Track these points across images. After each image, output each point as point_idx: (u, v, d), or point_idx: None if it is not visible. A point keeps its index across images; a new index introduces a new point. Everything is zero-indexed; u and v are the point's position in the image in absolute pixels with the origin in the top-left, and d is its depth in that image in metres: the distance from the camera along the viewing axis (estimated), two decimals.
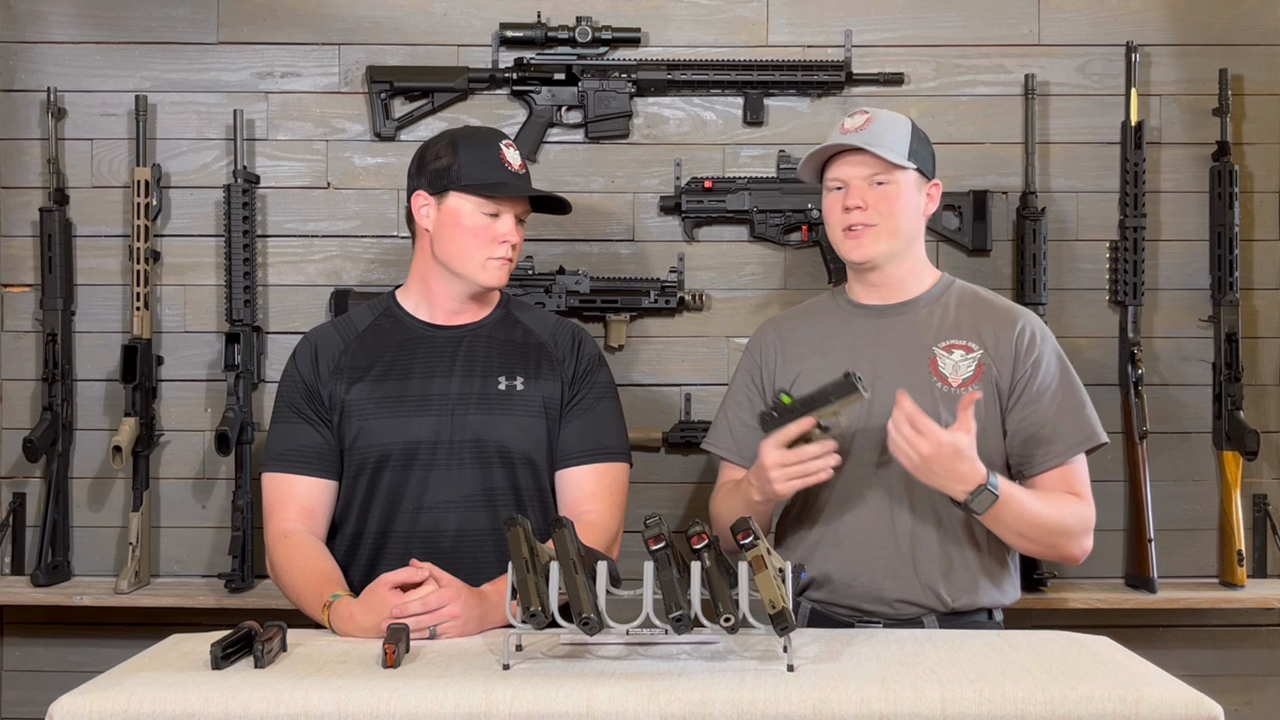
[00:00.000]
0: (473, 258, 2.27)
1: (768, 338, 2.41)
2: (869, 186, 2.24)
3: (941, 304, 2.31)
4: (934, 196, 2.32)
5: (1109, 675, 1.72)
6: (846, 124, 2.28)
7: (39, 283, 2.95)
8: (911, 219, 2.28)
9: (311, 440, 2.28)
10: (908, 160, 2.24)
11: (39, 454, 2.89)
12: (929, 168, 2.30)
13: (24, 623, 3.00)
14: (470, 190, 2.26)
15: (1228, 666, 2.99)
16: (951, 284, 2.35)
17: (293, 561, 2.20)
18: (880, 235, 2.25)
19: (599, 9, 2.96)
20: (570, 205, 2.40)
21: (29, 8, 2.99)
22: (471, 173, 2.27)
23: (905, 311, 2.30)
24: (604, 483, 2.31)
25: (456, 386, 2.28)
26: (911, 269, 2.32)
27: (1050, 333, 2.33)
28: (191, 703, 1.62)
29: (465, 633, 2.00)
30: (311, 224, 3.00)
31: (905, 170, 2.25)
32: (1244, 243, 2.95)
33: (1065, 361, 2.30)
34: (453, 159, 2.28)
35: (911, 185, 2.27)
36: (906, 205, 2.26)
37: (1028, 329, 2.27)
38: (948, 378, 2.23)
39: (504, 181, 2.28)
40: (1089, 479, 2.28)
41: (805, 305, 2.49)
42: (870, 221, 2.24)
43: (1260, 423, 2.93)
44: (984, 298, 2.35)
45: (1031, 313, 2.35)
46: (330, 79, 3.00)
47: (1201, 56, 2.97)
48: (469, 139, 2.33)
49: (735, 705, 1.62)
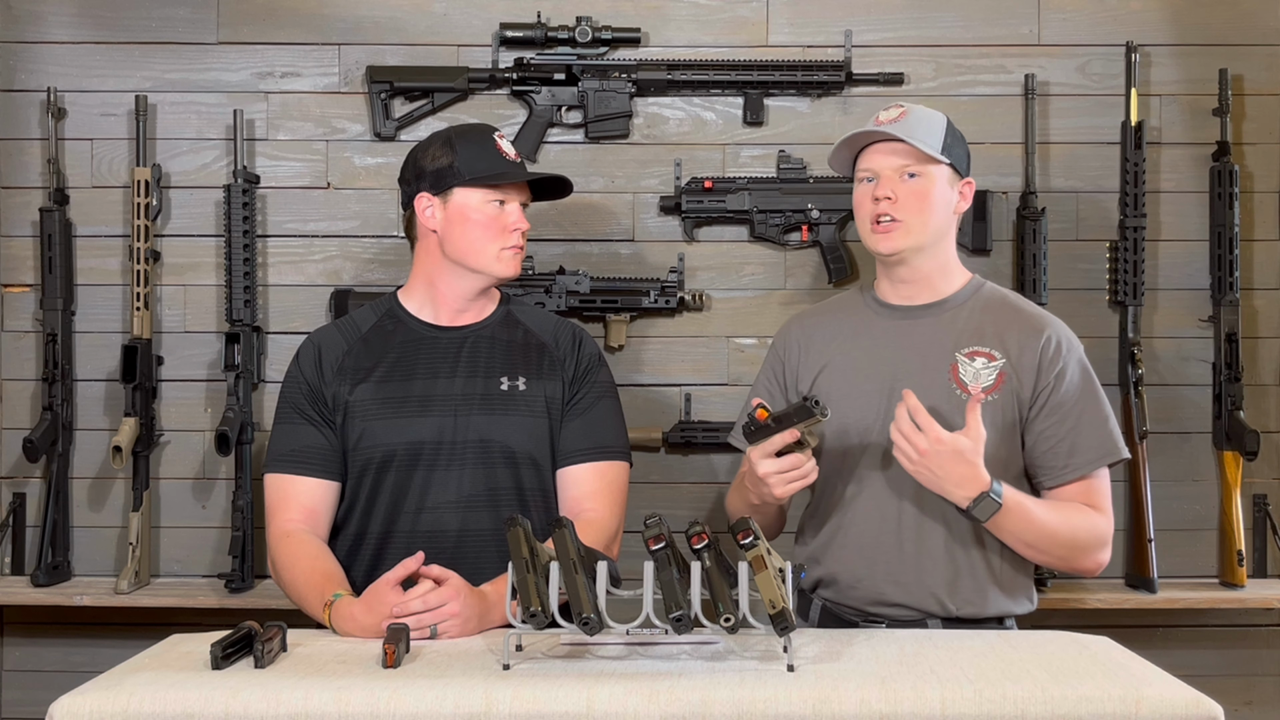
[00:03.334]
0: (487, 250, 2.28)
1: (792, 334, 2.39)
2: (900, 179, 2.21)
3: (968, 308, 2.26)
4: (966, 195, 2.27)
5: (1109, 675, 1.72)
6: (881, 116, 2.25)
7: (39, 283, 2.95)
8: (942, 215, 2.23)
9: (314, 441, 2.28)
10: (941, 154, 2.21)
11: (39, 454, 2.89)
12: (963, 165, 2.27)
13: (24, 623, 3.00)
14: (476, 182, 2.28)
15: (1228, 666, 2.99)
16: (981, 286, 2.31)
17: (294, 561, 2.20)
18: (910, 229, 2.21)
19: (599, 9, 2.96)
20: (571, 184, 2.42)
21: (29, 8, 2.99)
22: (473, 166, 2.28)
23: (931, 314, 2.26)
24: (603, 482, 2.31)
25: (460, 387, 2.29)
26: (941, 267, 2.27)
27: (1077, 343, 2.26)
28: (191, 703, 1.62)
29: (465, 632, 2.00)
30: (311, 224, 3.00)
31: (938, 164, 2.22)
32: (1244, 243, 2.95)
33: (1090, 374, 2.24)
34: (452, 157, 2.29)
35: (944, 180, 2.23)
36: (938, 200, 2.22)
37: (1053, 339, 2.22)
38: (968, 385, 2.19)
39: (506, 170, 2.30)
40: (1110, 493, 2.24)
41: (833, 301, 2.45)
42: (899, 215, 2.20)
43: (1260, 423, 2.93)
44: (1012, 304, 2.29)
45: (1060, 322, 2.27)
46: (330, 79, 3.00)
47: (1201, 56, 2.97)
48: (463, 135, 2.35)
49: (735, 705, 1.62)
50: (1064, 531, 2.16)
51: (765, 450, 2.09)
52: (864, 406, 2.23)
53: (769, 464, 2.09)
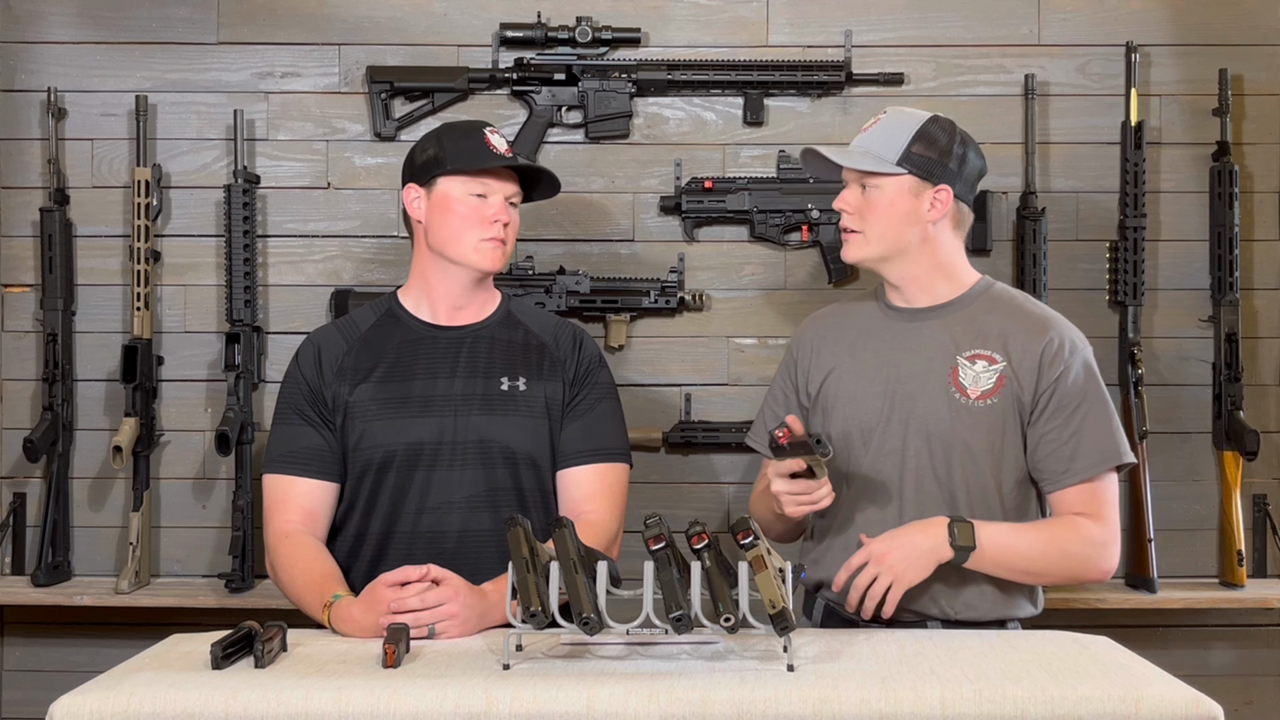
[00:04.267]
0: (465, 240, 2.28)
1: (806, 334, 2.39)
2: (859, 189, 2.23)
3: (973, 310, 2.25)
4: (941, 201, 2.21)
5: (1109, 675, 1.72)
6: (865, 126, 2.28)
7: (39, 283, 2.95)
8: (900, 225, 2.21)
9: (313, 442, 2.28)
10: (896, 165, 2.19)
11: (39, 454, 2.89)
12: (936, 171, 2.21)
13: (24, 623, 3.00)
14: (457, 171, 2.28)
15: (1228, 666, 2.99)
16: (989, 288, 2.29)
17: (293, 562, 2.20)
18: (868, 239, 2.22)
19: (599, 9, 2.96)
20: (560, 183, 2.40)
21: (29, 8, 2.99)
22: (457, 156, 2.29)
23: (935, 316, 2.25)
24: (604, 483, 2.31)
25: (459, 387, 2.28)
26: (932, 270, 2.25)
27: (1083, 345, 2.23)
28: (191, 703, 1.62)
29: (465, 632, 2.00)
30: (311, 224, 3.00)
31: (893, 176, 2.20)
32: (1244, 243, 2.95)
33: (1096, 377, 2.22)
34: (439, 149, 2.31)
35: (902, 190, 2.20)
36: (890, 211, 2.20)
37: (1055, 340, 2.19)
38: (967, 389, 2.19)
39: (488, 160, 2.29)
40: (1115, 498, 2.21)
41: (848, 303, 2.43)
42: (855, 226, 2.22)
43: (1260, 423, 2.93)
44: (1018, 305, 2.27)
45: (1067, 324, 2.24)
46: (330, 79, 3.00)
47: (1201, 56, 2.97)
48: (452, 129, 2.37)
49: (735, 705, 1.62)
50: (1053, 555, 2.16)
51: (780, 470, 2.13)
52: (867, 409, 2.23)
53: (781, 483, 2.13)
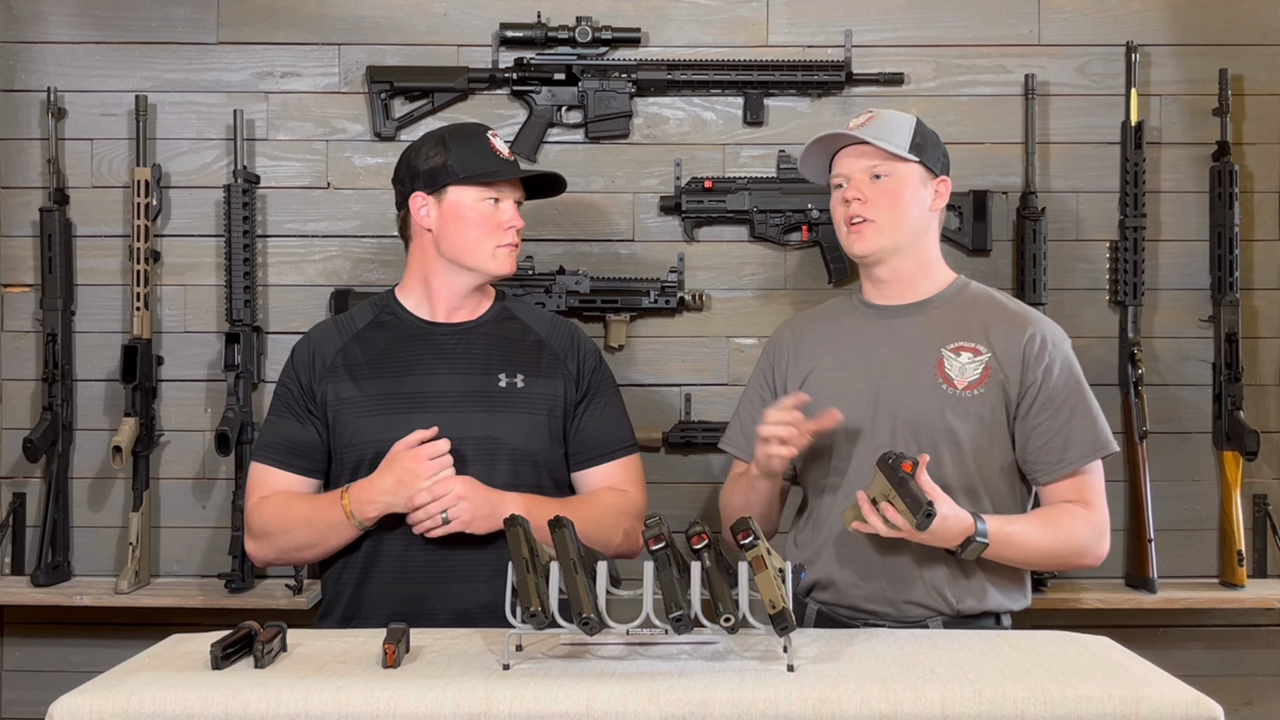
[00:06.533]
0: (482, 248, 2.29)
1: (783, 338, 2.41)
2: (869, 180, 2.25)
3: (953, 305, 2.29)
4: (942, 193, 2.29)
5: (1109, 675, 1.72)
6: (851, 124, 2.29)
7: (39, 283, 2.95)
8: (915, 213, 2.26)
9: (299, 437, 2.29)
10: (909, 154, 2.24)
11: (39, 454, 2.89)
12: (936, 164, 2.29)
13: (24, 623, 3.00)
14: (470, 180, 2.28)
15: (1228, 666, 2.99)
16: (966, 286, 2.33)
17: (285, 506, 2.24)
18: (882, 228, 2.24)
19: (599, 9, 2.96)
20: (565, 182, 2.43)
21: (29, 8, 2.99)
22: (467, 164, 2.29)
23: (916, 312, 2.28)
24: (629, 472, 2.37)
25: (456, 384, 2.29)
26: (921, 266, 2.29)
27: (1064, 339, 2.27)
28: (191, 703, 1.62)
29: (476, 517, 2.07)
30: (311, 224, 3.00)
31: (907, 163, 2.25)
32: (1244, 243, 2.95)
33: (1077, 369, 2.25)
34: (446, 156, 2.30)
35: (914, 179, 2.26)
36: (908, 198, 2.25)
37: (1038, 335, 2.23)
38: (954, 380, 2.21)
39: (500, 168, 2.31)
40: (1103, 485, 2.24)
41: (822, 307, 2.48)
42: (870, 215, 2.24)
43: (1260, 423, 2.93)
44: (997, 301, 2.31)
45: (1046, 319, 2.30)
46: (330, 79, 3.00)
47: (1201, 56, 2.97)
48: (457, 134, 2.36)
49: (735, 705, 1.62)
50: (1056, 544, 2.18)
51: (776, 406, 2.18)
52: (851, 405, 2.23)
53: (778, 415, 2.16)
